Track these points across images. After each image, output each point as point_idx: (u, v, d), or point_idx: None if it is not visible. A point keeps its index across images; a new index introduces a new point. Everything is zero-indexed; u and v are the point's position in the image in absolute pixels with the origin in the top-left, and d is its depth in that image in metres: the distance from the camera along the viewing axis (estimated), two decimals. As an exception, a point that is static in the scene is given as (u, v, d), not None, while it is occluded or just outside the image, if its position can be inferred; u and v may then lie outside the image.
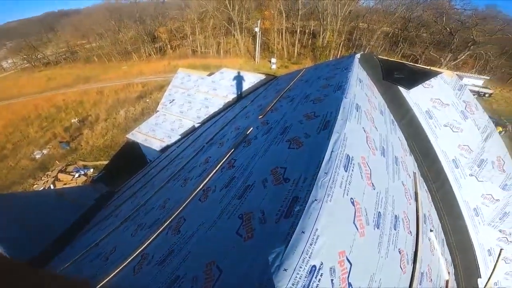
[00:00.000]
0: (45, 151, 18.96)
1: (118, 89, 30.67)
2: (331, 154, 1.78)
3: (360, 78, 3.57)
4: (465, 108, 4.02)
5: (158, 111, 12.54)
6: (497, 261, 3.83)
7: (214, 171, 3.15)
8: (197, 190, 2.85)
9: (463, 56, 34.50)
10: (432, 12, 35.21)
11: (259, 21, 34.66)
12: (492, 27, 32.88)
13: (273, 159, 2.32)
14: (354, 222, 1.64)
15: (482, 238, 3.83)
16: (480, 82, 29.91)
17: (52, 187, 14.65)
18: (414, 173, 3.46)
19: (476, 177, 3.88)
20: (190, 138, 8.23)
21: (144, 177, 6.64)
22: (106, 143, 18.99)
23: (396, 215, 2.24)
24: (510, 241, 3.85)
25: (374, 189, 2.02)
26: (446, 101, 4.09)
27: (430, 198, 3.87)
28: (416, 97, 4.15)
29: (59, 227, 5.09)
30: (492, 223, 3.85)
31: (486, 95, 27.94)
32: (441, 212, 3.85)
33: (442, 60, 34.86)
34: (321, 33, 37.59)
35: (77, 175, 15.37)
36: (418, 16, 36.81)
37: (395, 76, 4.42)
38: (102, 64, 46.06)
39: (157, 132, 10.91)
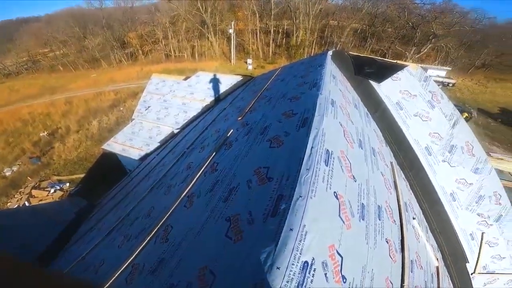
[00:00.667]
0: (14, 168, 17.62)
1: (88, 98, 29.04)
2: (311, 150, 1.81)
3: (333, 75, 3.67)
4: (432, 98, 4.28)
5: (133, 119, 12.09)
6: (480, 245, 4.02)
7: (197, 176, 3.10)
8: (182, 196, 2.82)
9: (426, 49, 36.94)
10: (395, 7, 37.36)
11: (233, 23, 34.59)
12: (449, 20, 35.49)
13: (255, 160, 2.33)
14: (339, 215, 1.68)
15: (462, 223, 4.01)
16: (443, 73, 32.14)
17: (27, 204, 13.73)
18: (391, 163, 3.62)
19: (448, 162, 4.11)
20: (169, 144, 7.99)
21: (125, 188, 6.42)
22: (80, 155, 18.02)
23: (379, 205, 2.32)
24: (490, 224, 4.07)
25: (355, 181, 2.08)
26: (413, 92, 4.33)
27: (409, 186, 4.06)
28: (387, 89, 4.36)
29: (39, 246, 4.80)
30: (469, 207, 4.06)
31: (450, 85, 30.07)
32: (420, 199, 4.02)
33: (407, 54, 37.08)
34: (294, 32, 38.40)
35: (52, 190, 14.55)
36: (383, 12, 38.85)
37: (366, 71, 4.60)
38: (69, 72, 43.47)
39: (134, 141, 10.52)
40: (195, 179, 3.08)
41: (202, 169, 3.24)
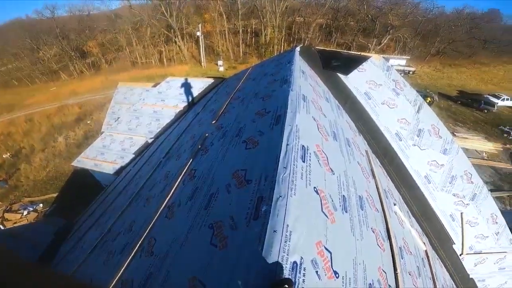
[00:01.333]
0: (-20, 193, 16.00)
1: (50, 113, 26.85)
2: (286, 148, 1.79)
3: (303, 70, 3.72)
4: (395, 86, 4.52)
5: (103, 132, 11.43)
6: (462, 225, 4.20)
7: (176, 185, 3.01)
8: (162, 207, 2.76)
9: (385, 40, 39.22)
10: (355, 1, 39.13)
11: (200, 25, 33.98)
12: (404, 11, 37.98)
13: (232, 163, 2.30)
14: (322, 211, 1.66)
15: (441, 204, 4.18)
16: (403, 62, 34.38)
17: (1, 227, 12.88)
18: (366, 151, 3.74)
19: (418, 146, 4.30)
20: (145, 155, 7.67)
21: (103, 203, 6.20)
22: (50, 175, 16.94)
23: (360, 196, 2.35)
24: (467, 204, 4.28)
25: (333, 174, 2.10)
26: (379, 81, 4.54)
27: (386, 173, 4.22)
28: (354, 81, 4.51)
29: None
30: (444, 188, 4.25)
31: (411, 73, 32.29)
32: (398, 185, 4.14)
33: (370, 46, 39.06)
34: (263, 30, 38.69)
35: (25, 212, 13.81)
36: (345, 6, 40.54)
37: (333, 64, 4.74)
38: (25, 87, 39.79)
39: (107, 155, 9.92)
40: (173, 189, 2.99)
41: (180, 178, 3.14)
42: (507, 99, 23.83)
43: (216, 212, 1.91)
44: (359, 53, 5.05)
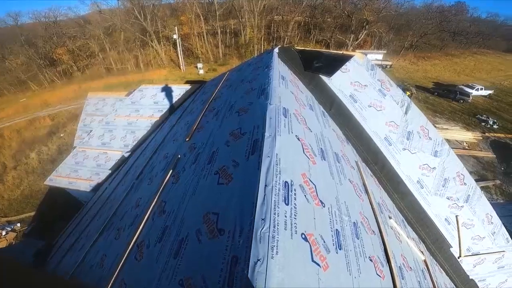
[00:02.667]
0: (-48, 216, 14.78)
1: (21, 127, 24.93)
2: (265, 191, 1.40)
3: (282, 75, 3.35)
4: (381, 86, 4.26)
5: (75, 146, 10.60)
6: (458, 228, 4.07)
7: (145, 219, 2.74)
8: (131, 245, 2.58)
9: (362, 36, 40.01)
10: (332, -3, 39.59)
11: (176, 28, 32.90)
12: (377, 7, 38.87)
13: (203, 200, 2.00)
14: (313, 260, 1.39)
15: (435, 208, 4.03)
16: (380, 56, 35.18)
17: None
18: (356, 162, 3.44)
19: (408, 150, 4.09)
20: (121, 170, 7.12)
21: (79, 225, 5.91)
22: (24, 193, 16.03)
23: (354, 222, 2.04)
24: (461, 206, 4.14)
25: (323, 207, 1.74)
26: (364, 82, 4.26)
27: (377, 181, 3.96)
28: (338, 83, 4.21)
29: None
30: (438, 192, 4.08)
31: (388, 67, 33.00)
32: (391, 192, 3.93)
33: (347, 42, 39.66)
34: (242, 30, 38.18)
35: (4, 232, 13.22)
36: (321, 3, 40.89)
37: (315, 65, 4.41)
38: (-8, 99, 36.92)
39: (81, 172, 9.17)
40: (142, 224, 2.70)
41: (150, 210, 2.79)
42: (481, 89, 24.92)
43: (186, 265, 1.71)
44: (341, 52, 4.76)
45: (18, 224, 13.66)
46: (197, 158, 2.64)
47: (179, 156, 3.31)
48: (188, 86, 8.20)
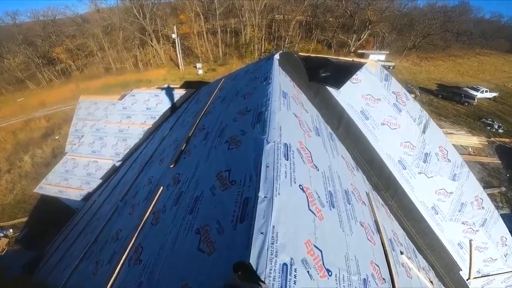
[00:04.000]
0: None
1: (16, 128, 24.39)
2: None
3: (283, 91, 2.82)
4: (397, 100, 3.74)
5: (66, 152, 10.18)
6: (470, 252, 3.76)
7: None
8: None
9: (365, 36, 39.36)
10: (334, -4, 38.85)
11: (174, 27, 32.26)
12: (381, 6, 38.18)
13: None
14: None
15: (449, 234, 3.70)
16: (383, 57, 34.51)
17: None
18: (367, 194, 2.95)
19: (425, 174, 3.66)
20: (110, 184, 6.74)
21: (65, 242, 5.89)
22: (17, 198, 15.59)
23: (364, 279, 1.67)
24: (476, 230, 3.80)
25: (330, 275, 1.29)
26: (377, 95, 3.74)
27: (388, 209, 3.49)
28: (348, 96, 3.69)
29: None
30: (453, 217, 3.73)
31: (391, 68, 32.03)
32: (403, 220, 3.56)
33: (350, 41, 39.01)
34: (242, 29, 37.54)
35: None
36: (323, 2, 40.15)
37: (321, 75, 3.87)
38: (-9, 99, 36.45)
39: (71, 181, 8.83)
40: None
41: (125, 255, 2.37)
42: (486, 91, 24.30)
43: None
44: (351, 59, 4.22)
45: (11, 230, 13.31)
46: (179, 199, 2.22)
47: (162, 188, 2.81)
48: (183, 91, 7.67)
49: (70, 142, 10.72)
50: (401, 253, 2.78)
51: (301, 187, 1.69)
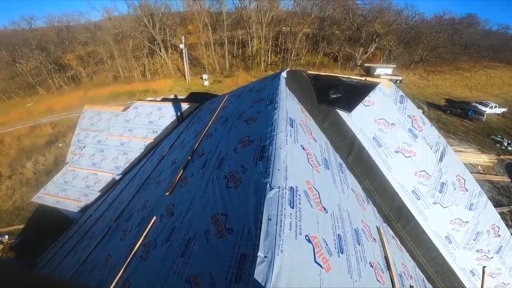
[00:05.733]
0: None
1: (22, 134, 24.66)
2: None
3: (291, 117, 2.59)
4: (412, 125, 3.47)
5: (67, 162, 10.08)
6: (483, 278, 3.55)
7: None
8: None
9: (372, 49, 39.30)
10: (341, 10, 39.11)
11: (183, 37, 32.79)
12: (388, 19, 38.22)
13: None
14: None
15: (461, 262, 3.48)
16: (390, 71, 34.29)
17: None
18: (378, 229, 2.66)
19: (440, 204, 3.40)
20: (107, 200, 6.60)
21: (56, 256, 5.75)
22: (16, 204, 15.60)
23: None
24: (491, 258, 3.62)
25: None
26: (391, 120, 3.48)
27: (399, 241, 3.19)
28: (359, 120, 3.44)
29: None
30: (467, 245, 3.53)
31: (398, 82, 31.52)
32: (413, 250, 3.29)
33: (356, 55, 38.98)
34: (249, 41, 37.92)
35: None
36: (330, 15, 40.45)
37: (331, 97, 3.64)
38: (2, 102, 37.15)
39: (69, 192, 8.70)
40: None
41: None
42: (495, 107, 23.74)
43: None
44: (363, 78, 3.98)
45: (6, 236, 13.35)
46: (171, 236, 2.06)
47: (155, 218, 2.57)
48: (186, 105, 7.51)
49: (71, 152, 10.63)
50: (411, 286, 2.58)
51: (307, 237, 1.50)
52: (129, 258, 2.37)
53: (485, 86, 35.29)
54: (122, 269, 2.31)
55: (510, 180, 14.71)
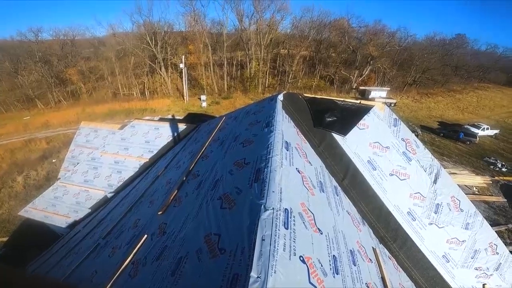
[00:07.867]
0: None
1: (16, 147, 24.31)
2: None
3: (286, 141, 2.62)
4: (406, 148, 3.53)
5: (59, 178, 9.89)
6: None
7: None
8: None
9: (367, 71, 40.59)
10: (337, 32, 40.81)
11: (183, 57, 33.71)
12: (382, 41, 39.74)
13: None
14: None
15: (460, 280, 3.50)
16: (384, 94, 35.16)
17: None
18: (374, 249, 2.63)
19: (436, 224, 3.45)
20: (97, 217, 6.40)
21: (43, 266, 5.43)
22: (2, 217, 15.37)
23: None
24: (490, 275, 3.64)
25: None
26: (385, 143, 3.54)
27: (395, 262, 3.15)
28: (354, 144, 3.49)
29: None
30: (465, 264, 3.55)
31: (392, 105, 31.89)
32: (411, 270, 3.28)
33: (352, 77, 40.17)
34: (248, 63, 38.96)
35: None
36: (327, 37, 42.10)
37: (327, 120, 3.70)
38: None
39: (58, 207, 8.48)
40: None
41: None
42: (487, 128, 24.27)
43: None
44: (357, 101, 4.07)
45: None
46: (162, 254, 2.05)
47: (146, 236, 2.50)
48: (183, 126, 7.56)
49: (64, 168, 10.48)
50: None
51: (301, 258, 1.50)
52: (117, 275, 2.29)
53: (476, 108, 36.31)
54: (108, 286, 2.22)
55: (505, 200, 14.89)
